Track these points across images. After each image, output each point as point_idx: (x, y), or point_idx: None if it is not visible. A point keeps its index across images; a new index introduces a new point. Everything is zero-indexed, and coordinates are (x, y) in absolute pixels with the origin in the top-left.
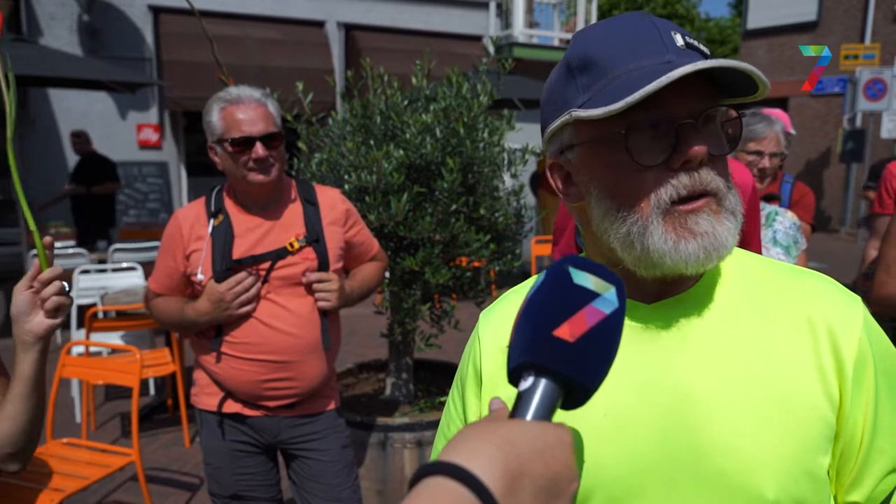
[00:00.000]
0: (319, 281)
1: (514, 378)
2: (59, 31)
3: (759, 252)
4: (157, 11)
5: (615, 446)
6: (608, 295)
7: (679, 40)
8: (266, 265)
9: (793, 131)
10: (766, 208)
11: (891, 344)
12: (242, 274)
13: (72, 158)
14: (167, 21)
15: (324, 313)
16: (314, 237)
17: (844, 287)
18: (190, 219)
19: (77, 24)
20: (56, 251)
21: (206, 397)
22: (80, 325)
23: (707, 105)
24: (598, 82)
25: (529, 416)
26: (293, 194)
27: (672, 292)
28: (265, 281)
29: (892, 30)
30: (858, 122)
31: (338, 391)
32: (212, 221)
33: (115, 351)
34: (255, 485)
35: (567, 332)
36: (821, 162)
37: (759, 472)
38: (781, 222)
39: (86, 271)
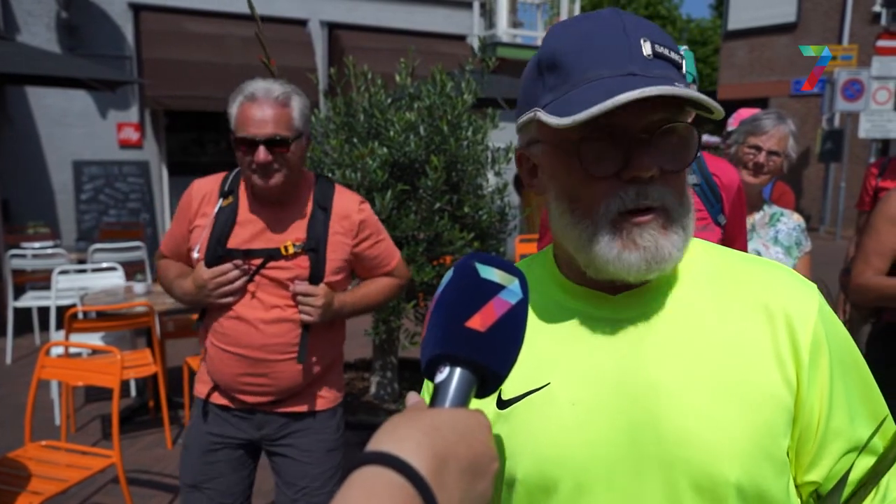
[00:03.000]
0: (304, 294)
1: (429, 371)
2: (37, 29)
3: (745, 249)
4: (137, 9)
5: (582, 435)
6: (513, 287)
7: (647, 49)
8: (257, 262)
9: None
10: (772, 208)
11: (844, 329)
12: (229, 265)
13: (51, 157)
14: (147, 19)
15: (305, 326)
16: (312, 246)
17: (801, 276)
18: (202, 192)
19: (55, 21)
20: (35, 251)
21: (200, 385)
22: (59, 325)
23: (664, 119)
24: (562, 86)
25: (447, 405)
26: (308, 195)
27: (635, 283)
28: (251, 279)
29: (869, 31)
30: (837, 123)
31: (334, 391)
32: (221, 201)
33: (95, 352)
34: (215, 477)
35: (478, 322)
36: (800, 161)
37: (722, 457)
38: (785, 223)
39: (65, 271)
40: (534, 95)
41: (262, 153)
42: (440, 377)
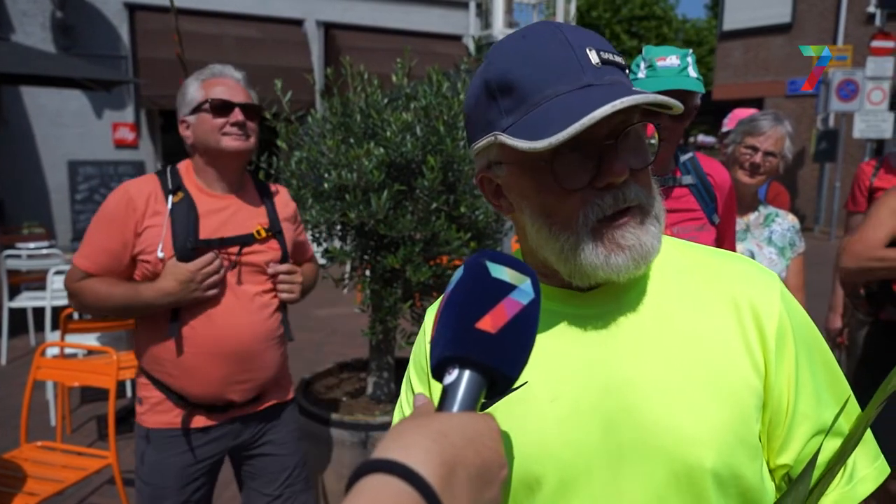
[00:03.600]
0: (287, 273)
1: (438, 373)
2: (32, 28)
3: (733, 248)
4: (132, 9)
5: (563, 431)
6: (524, 286)
7: (594, 58)
8: (233, 249)
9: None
10: (767, 209)
11: (807, 315)
12: (211, 255)
13: (46, 157)
14: (143, 18)
15: (283, 305)
16: (277, 229)
17: (762, 266)
18: (145, 192)
19: (50, 20)
20: (30, 251)
21: (160, 415)
22: (54, 326)
23: (623, 121)
24: (519, 108)
25: (456, 408)
26: (252, 185)
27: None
28: (233, 266)
29: (863, 32)
30: (831, 123)
31: (291, 380)
32: (170, 198)
33: (91, 352)
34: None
35: (489, 323)
36: (795, 161)
37: (698, 444)
38: (780, 224)
39: (60, 272)
40: (488, 119)
41: (239, 113)
42: (449, 379)
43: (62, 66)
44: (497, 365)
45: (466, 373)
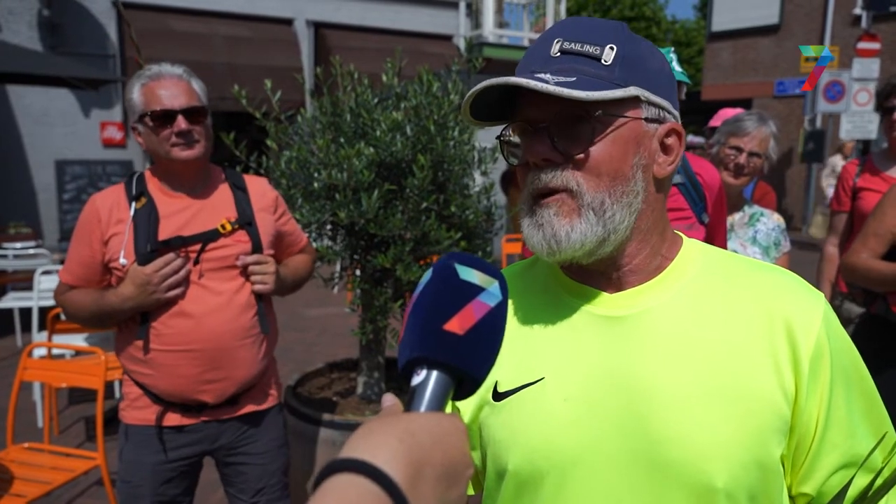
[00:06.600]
0: (256, 263)
1: (406, 373)
2: (18, 27)
3: (724, 247)
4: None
5: (573, 431)
6: (492, 289)
7: (555, 48)
8: (196, 247)
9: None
10: (752, 208)
11: (850, 341)
12: (170, 255)
13: (33, 157)
14: (132, 17)
15: (259, 297)
16: (247, 220)
17: (808, 284)
18: (108, 202)
19: (37, 19)
20: (17, 251)
21: (138, 411)
22: (41, 327)
23: (563, 109)
24: None
25: (424, 408)
26: (221, 179)
27: (634, 283)
28: (196, 263)
29: (849, 33)
30: (819, 123)
31: (277, 386)
32: (133, 204)
33: (78, 353)
34: (170, 503)
35: (457, 325)
36: (783, 162)
37: (710, 461)
38: (765, 223)
39: (47, 272)
40: None
41: (182, 121)
42: (417, 380)
43: (49, 64)
44: (464, 366)
45: (434, 374)
